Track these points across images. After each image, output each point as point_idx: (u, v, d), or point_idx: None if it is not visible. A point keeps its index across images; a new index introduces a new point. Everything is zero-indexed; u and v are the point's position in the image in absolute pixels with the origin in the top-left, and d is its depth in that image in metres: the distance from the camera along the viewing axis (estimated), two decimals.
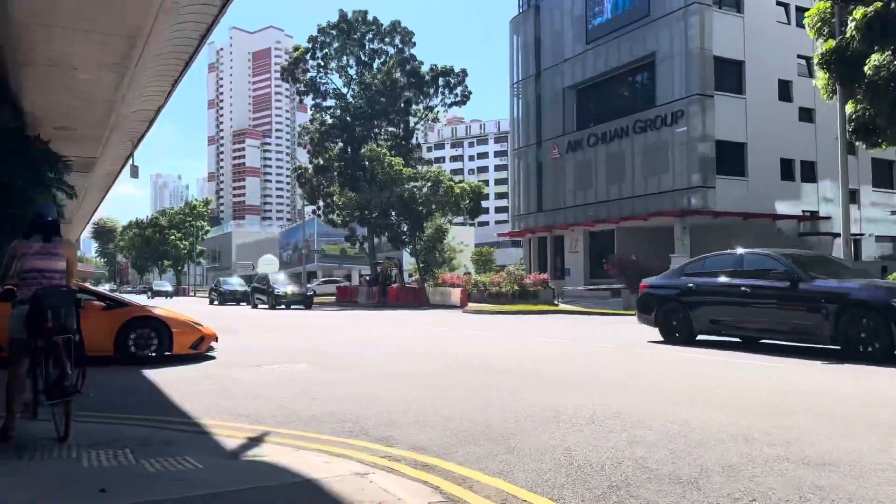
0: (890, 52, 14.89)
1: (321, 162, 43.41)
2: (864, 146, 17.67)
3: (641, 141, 32.87)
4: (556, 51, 38.40)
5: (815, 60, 16.67)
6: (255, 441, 5.24)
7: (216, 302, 42.00)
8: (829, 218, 32.73)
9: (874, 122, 15.92)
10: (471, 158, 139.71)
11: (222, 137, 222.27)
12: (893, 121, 15.36)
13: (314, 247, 64.84)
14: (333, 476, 4.03)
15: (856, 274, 11.62)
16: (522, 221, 41.17)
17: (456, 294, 32.49)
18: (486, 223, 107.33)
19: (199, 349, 10.96)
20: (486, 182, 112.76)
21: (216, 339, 11.47)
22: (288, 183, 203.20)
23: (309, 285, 55.38)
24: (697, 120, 30.27)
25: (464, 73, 43.55)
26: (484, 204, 54.20)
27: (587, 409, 6.16)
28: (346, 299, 42.91)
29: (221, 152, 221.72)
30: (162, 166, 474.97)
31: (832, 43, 16.05)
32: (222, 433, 5.58)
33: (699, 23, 30.09)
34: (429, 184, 38.66)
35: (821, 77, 16.86)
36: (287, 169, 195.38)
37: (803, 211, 33.07)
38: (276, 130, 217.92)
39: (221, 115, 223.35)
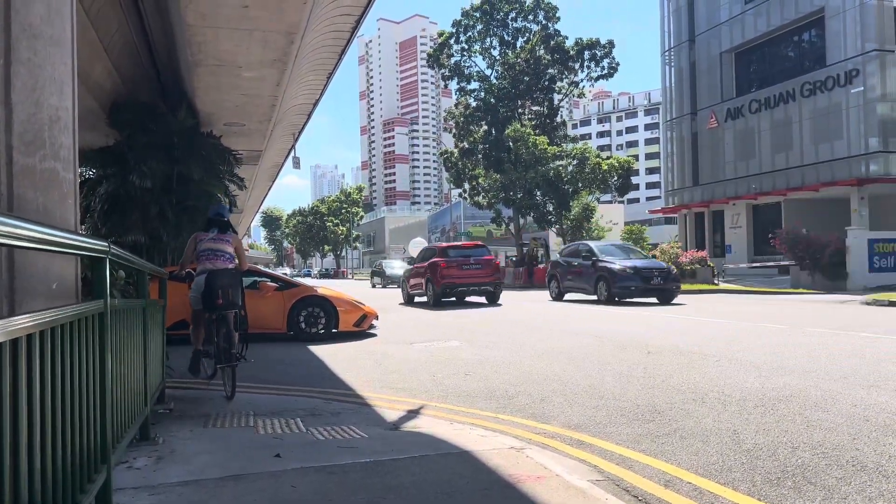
0: None
1: (466, 145, 43.84)
2: None
3: (810, 105, 30.13)
4: (712, 13, 36.03)
5: None
6: (413, 413, 5.44)
7: (378, 286, 43.70)
8: None
9: None
10: (619, 133, 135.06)
11: (373, 127, 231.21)
12: None
13: (461, 229, 65.89)
14: (490, 449, 4.08)
15: None
16: (677, 196, 39.28)
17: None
18: (637, 200, 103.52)
19: (361, 327, 11.64)
20: (636, 157, 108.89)
21: (377, 318, 12.15)
22: (435, 168, 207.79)
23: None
24: (876, 78, 27.23)
25: (610, 44, 42.05)
26: (634, 180, 52.29)
27: (757, 390, 5.78)
28: None
29: (373, 141, 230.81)
30: (320, 157, 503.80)
31: None
32: (383, 405, 5.84)
33: None
34: (574, 161, 37.93)
35: None
36: (434, 154, 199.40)
37: None
38: (423, 117, 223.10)
39: (372, 106, 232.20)
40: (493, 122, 42.90)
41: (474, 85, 45.68)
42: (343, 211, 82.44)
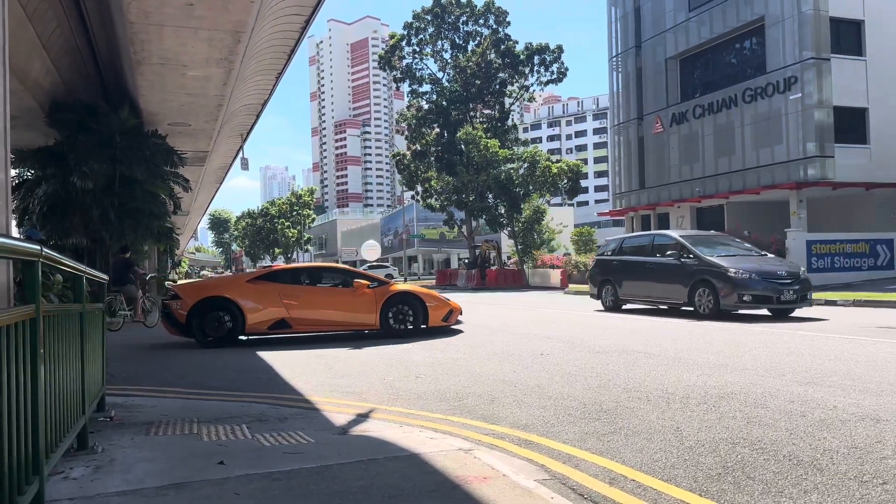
0: None
1: (418, 147, 43.89)
2: None
3: (751, 110, 31.10)
4: (657, 20, 36.89)
5: None
6: (362, 417, 5.39)
7: None
8: None
9: None
10: (568, 137, 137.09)
11: (325, 128, 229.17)
12: None
13: (413, 231, 65.84)
14: (438, 451, 4.08)
15: None
16: (624, 199, 40.04)
17: (556, 275, 32.15)
18: (586, 203, 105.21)
19: (448, 322, 11.70)
20: (585, 161, 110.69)
21: (461, 313, 12.20)
22: (387, 170, 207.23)
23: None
24: (812, 86, 28.27)
25: (559, 49, 42.69)
26: (583, 183, 53.08)
27: (699, 388, 5.93)
28: (445, 283, 43.38)
29: (324, 143, 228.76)
30: (270, 159, 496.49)
31: None
32: (331, 410, 5.78)
33: None
34: (525, 164, 38.35)
35: None
36: (386, 156, 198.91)
37: None
38: (375, 119, 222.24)
39: (323, 107, 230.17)
40: (446, 124, 43.06)
41: (426, 87, 45.80)
42: (294, 213, 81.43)
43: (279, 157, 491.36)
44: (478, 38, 44.37)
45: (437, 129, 43.68)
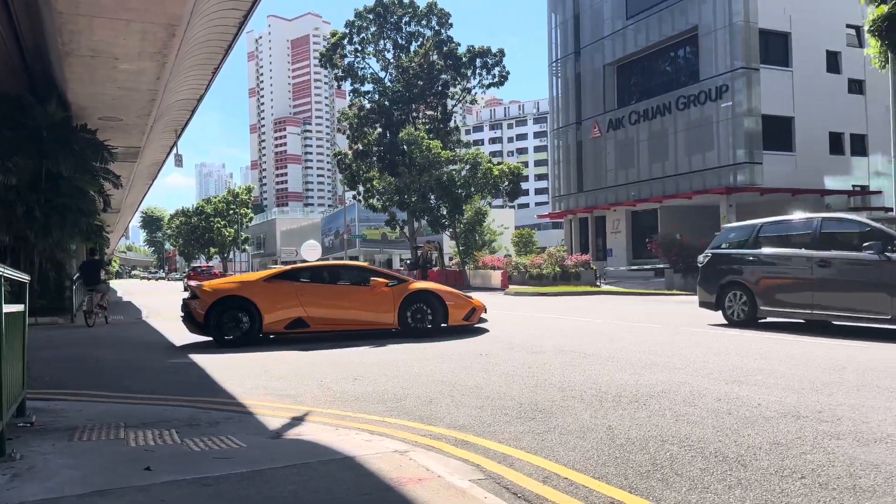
0: None
1: (360, 147, 43.58)
2: None
3: (685, 117, 32.14)
4: (596, 27, 37.71)
5: (867, 28, 15.97)
6: (297, 420, 5.31)
7: None
8: (879, 192, 31.56)
9: None
10: (510, 140, 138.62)
11: (264, 125, 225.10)
12: None
13: (355, 232, 65.36)
14: (373, 453, 4.04)
15: None
16: (563, 202, 40.76)
17: (497, 276, 32.43)
18: (527, 205, 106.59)
19: (470, 321, 11.45)
20: (526, 163, 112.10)
21: (485, 311, 11.95)
22: (329, 169, 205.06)
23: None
24: (742, 94, 29.43)
25: (501, 53, 43.11)
26: (523, 185, 53.74)
27: (631, 387, 6.08)
28: None
29: (263, 140, 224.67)
30: (207, 156, 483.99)
31: (884, 9, 15.35)
32: (266, 413, 5.67)
33: None
34: (467, 166, 38.55)
35: (872, 45, 16.16)
36: (327, 155, 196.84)
37: (853, 185, 31.97)
38: (317, 117, 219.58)
39: (262, 104, 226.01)
40: (388, 124, 42.89)
41: (368, 87, 45.53)
42: (231, 212, 79.61)
43: (216, 155, 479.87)
44: (420, 39, 44.39)
45: (380, 129, 43.48)
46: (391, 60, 45.12)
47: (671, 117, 32.77)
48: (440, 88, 44.01)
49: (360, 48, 44.63)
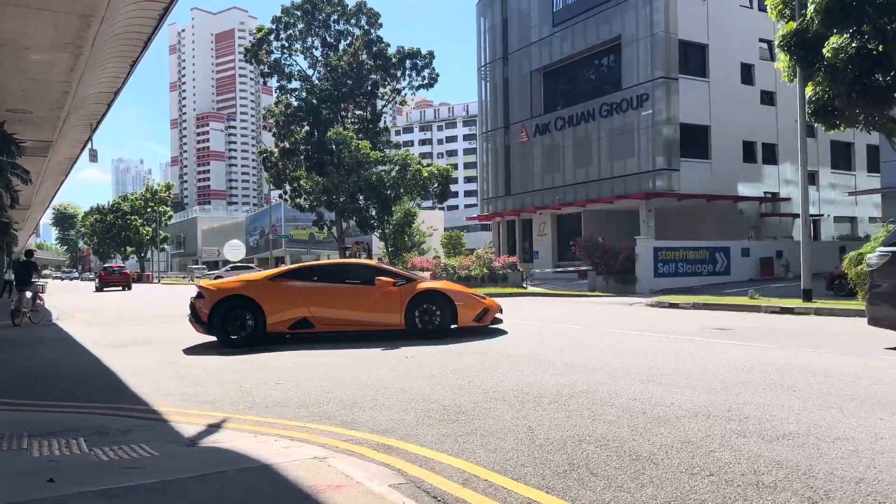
0: (848, 35, 15.11)
1: (287, 145, 42.84)
2: (823, 128, 17.92)
3: (608, 124, 33.04)
4: (523, 33, 38.31)
5: (777, 43, 16.81)
6: (214, 427, 5.16)
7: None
8: (788, 199, 33.37)
9: (833, 104, 16.15)
10: (440, 142, 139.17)
11: (185, 121, 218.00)
12: (851, 103, 15.60)
13: (281, 232, 64.16)
14: (291, 461, 3.97)
15: None
16: (491, 205, 41.21)
17: (426, 277, 32.46)
18: (456, 207, 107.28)
19: (482, 322, 11.01)
20: (455, 166, 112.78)
21: (501, 311, 11.51)
22: (254, 167, 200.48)
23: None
24: (662, 103, 30.51)
25: (431, 55, 43.26)
26: (453, 188, 53.98)
27: (552, 388, 6.19)
28: None
29: (185, 136, 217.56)
30: (124, 151, 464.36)
31: (793, 25, 16.20)
32: (181, 420, 5.49)
33: (664, 6, 30.21)
34: (396, 167, 38.47)
35: (782, 59, 17.03)
36: (252, 153, 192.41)
37: (764, 192, 33.64)
38: (241, 113, 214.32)
39: (184, 98, 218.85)
40: (316, 123, 42.33)
41: (295, 84, 44.87)
42: (149, 210, 76.76)
43: (134, 150, 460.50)
44: (349, 38, 44.04)
45: (307, 128, 42.86)
46: (319, 58, 44.56)
47: (595, 124, 33.64)
48: (370, 88, 43.77)
49: (287, 45, 43.89)
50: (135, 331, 13.51)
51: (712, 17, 31.49)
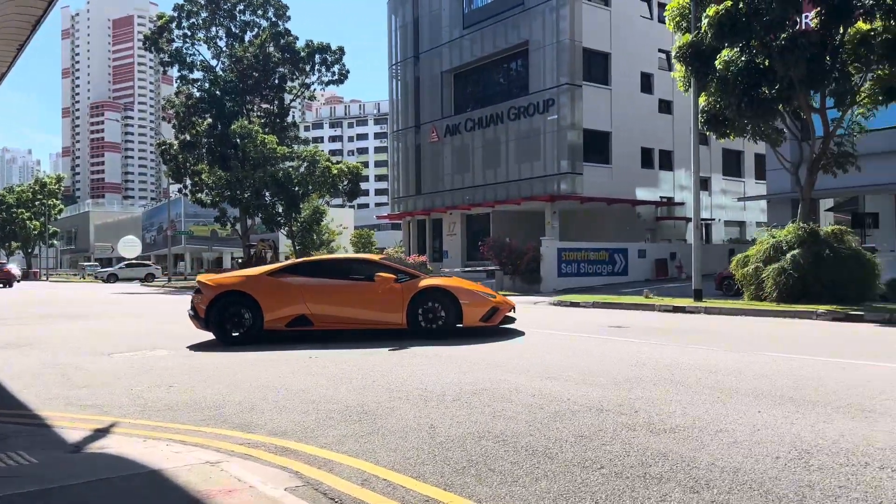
0: (738, 49, 16.07)
1: (188, 138, 41.26)
2: (715, 136, 18.98)
3: (515, 127, 33.71)
4: (434, 34, 38.49)
5: (674, 54, 17.66)
6: (101, 433, 4.89)
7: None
8: (683, 204, 35.13)
9: (723, 114, 17.15)
10: (350, 139, 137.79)
11: (79, 109, 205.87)
12: (740, 113, 16.61)
13: (181, 228, 61.68)
14: (182, 466, 3.81)
15: None
16: (402, 204, 41.19)
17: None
18: (367, 205, 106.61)
19: (491, 321, 10.38)
20: (366, 163, 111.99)
21: (513, 309, 10.88)
22: (152, 159, 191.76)
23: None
24: (567, 109, 31.42)
25: (341, 51, 42.74)
26: (363, 186, 53.58)
27: (455, 385, 6.24)
28: None
29: (78, 125, 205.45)
30: (11, 140, 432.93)
31: (689, 37, 17.06)
32: (65, 425, 5.18)
33: (570, 14, 31.13)
34: (305, 164, 37.81)
35: (678, 70, 17.90)
36: (151, 144, 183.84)
37: (661, 197, 35.28)
38: (140, 103, 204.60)
39: (78, 86, 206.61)
40: (219, 115, 40.97)
41: (198, 74, 43.26)
42: (37, 203, 72.02)
43: (22, 139, 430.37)
44: (256, 30, 42.87)
45: (210, 120, 41.41)
46: (224, 49, 43.15)
47: (504, 127, 34.24)
48: (277, 82, 42.80)
49: (189, 34, 42.26)
50: (16, 331, 12.63)
51: (615, 27, 32.72)
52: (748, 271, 16.07)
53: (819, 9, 14.89)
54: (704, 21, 15.99)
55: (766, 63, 15.75)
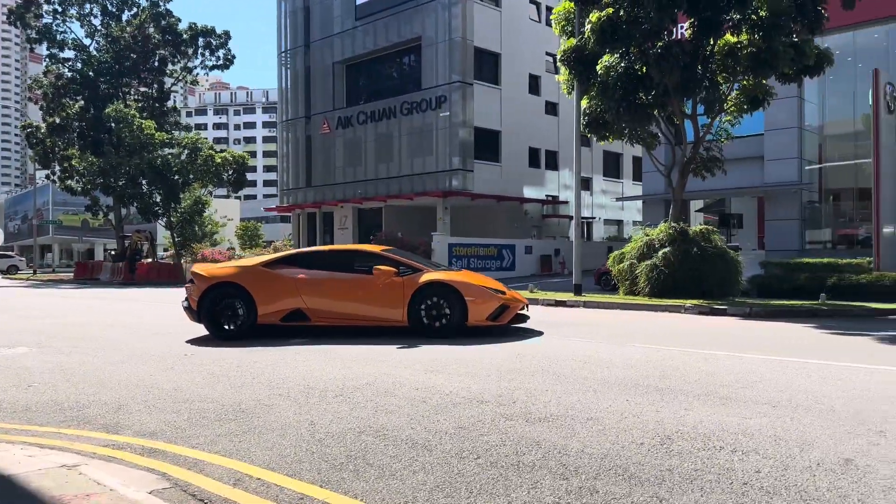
0: (618, 55, 16.82)
1: (57, 120, 38.40)
2: (596, 139, 19.82)
3: (408, 122, 33.77)
4: (326, 23, 37.85)
5: (559, 57, 18.23)
6: None
7: None
8: (566, 202, 36.49)
9: (603, 118, 17.92)
10: (237, 127, 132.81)
11: None
12: (619, 117, 17.40)
13: (48, 217, 57.40)
14: (35, 470, 3.54)
15: None
16: (291, 196, 40.25)
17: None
18: (254, 197, 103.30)
19: (499, 320, 9.55)
20: (254, 153, 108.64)
21: (526, 306, 10.00)
22: (17, 143, 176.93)
23: None
24: (459, 106, 31.83)
25: (227, 35, 41.10)
26: (251, 176, 51.84)
27: (338, 381, 6.17)
28: (85, 276, 38.61)
29: None
30: None
31: (573, 42, 17.69)
32: None
33: (462, 12, 31.52)
34: (186, 151, 36.13)
35: (563, 73, 18.51)
36: (16, 126, 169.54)
37: (547, 195, 36.49)
38: (3, 82, 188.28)
39: None
40: (92, 98, 38.41)
41: (69, 54, 40.39)
42: None
43: None
44: (134, 9, 40.48)
45: (82, 102, 38.73)
46: (99, 28, 40.46)
47: (397, 121, 34.22)
48: (157, 64, 40.64)
49: (60, 10, 39.30)
50: None
51: (505, 28, 33.45)
52: (624, 267, 16.92)
53: (692, 20, 15.84)
54: (588, 26, 16.60)
55: (644, 70, 16.59)
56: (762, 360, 7.44)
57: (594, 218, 39.32)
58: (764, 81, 16.40)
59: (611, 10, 15.99)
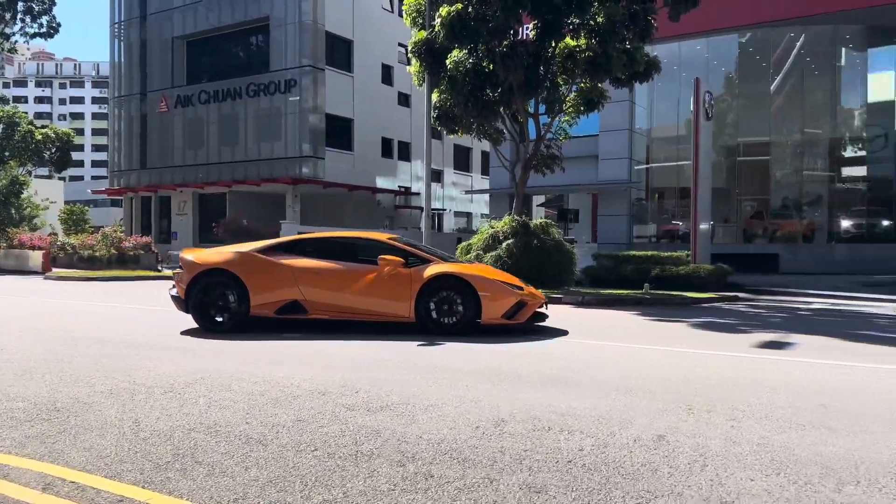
0: (467, 51, 17.23)
1: None
2: (445, 132, 20.19)
3: (255, 105, 32.56)
4: None
5: (410, 49, 18.36)
6: None
7: None
8: (418, 194, 36.96)
9: (453, 112, 18.30)
10: (62, 102, 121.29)
11: None
12: (467, 112, 17.84)
13: None
14: None
15: None
16: (123, 178, 37.45)
17: (37, 258, 28.06)
18: (81, 178, 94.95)
19: (516, 319, 8.72)
20: (81, 131, 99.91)
21: (545, 304, 8.94)
22: None
23: None
24: (309, 92, 31.15)
25: (51, 0, 37.35)
26: (77, 156, 47.51)
27: (169, 377, 5.84)
28: None
29: None
30: None
31: (423, 34, 17.85)
32: None
33: None
34: (1, 126, 32.53)
35: (414, 65, 18.65)
36: None
37: (399, 186, 36.73)
38: None
39: None
40: None
41: None
42: None
43: None
44: None
45: None
46: None
47: (242, 103, 32.87)
48: None
49: None
50: None
51: (357, 15, 33.15)
52: (470, 258, 17.41)
53: (536, 22, 16.54)
54: (438, 20, 16.82)
55: (491, 67, 17.11)
56: (592, 344, 7.97)
57: (445, 210, 40.13)
58: (599, 85, 17.48)
59: (460, 5, 16.29)
